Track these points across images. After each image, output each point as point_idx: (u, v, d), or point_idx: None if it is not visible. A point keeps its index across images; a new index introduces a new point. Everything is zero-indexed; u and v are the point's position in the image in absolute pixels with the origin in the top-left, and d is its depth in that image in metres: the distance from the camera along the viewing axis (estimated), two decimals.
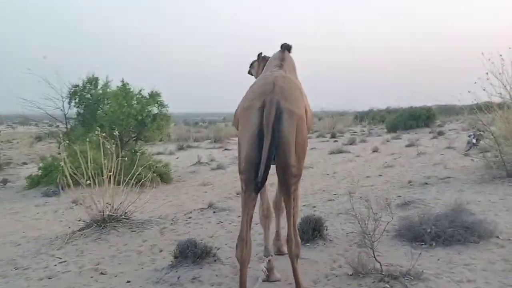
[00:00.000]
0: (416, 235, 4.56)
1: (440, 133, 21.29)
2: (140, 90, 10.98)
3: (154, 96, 10.84)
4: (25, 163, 15.64)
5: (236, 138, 3.63)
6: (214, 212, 6.63)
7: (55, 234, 5.70)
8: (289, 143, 3.02)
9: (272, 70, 3.62)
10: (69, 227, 5.86)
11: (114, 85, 11.29)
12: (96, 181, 5.98)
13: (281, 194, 3.38)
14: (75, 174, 9.40)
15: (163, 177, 10.70)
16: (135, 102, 10.44)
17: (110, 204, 5.81)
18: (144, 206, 7.68)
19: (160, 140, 23.20)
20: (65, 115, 11.21)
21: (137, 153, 9.43)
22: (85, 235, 5.40)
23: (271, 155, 2.92)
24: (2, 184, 11.56)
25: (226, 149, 19.31)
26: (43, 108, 10.92)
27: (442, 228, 4.45)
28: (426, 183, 8.16)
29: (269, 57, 4.34)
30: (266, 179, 2.97)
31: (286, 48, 3.92)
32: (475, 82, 8.29)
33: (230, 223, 5.99)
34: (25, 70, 10.31)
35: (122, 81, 10.96)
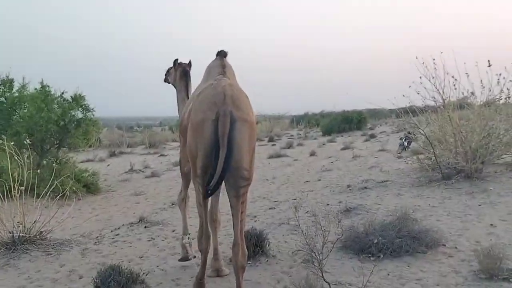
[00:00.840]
0: (363, 246, 4.30)
1: (372, 136, 21.85)
2: (62, 93, 10.04)
3: (77, 99, 9.94)
4: None
5: (175, 144, 3.36)
6: (145, 227, 6.03)
7: None
8: (242, 149, 3.11)
9: (216, 78, 3.59)
10: None
11: (33, 87, 10.23)
12: (5, 197, 5.16)
13: (231, 199, 3.25)
14: None
15: (90, 187, 9.86)
16: (56, 106, 9.49)
17: (21, 224, 5.03)
18: (64, 223, 6.91)
19: (90, 147, 22.01)
20: None
21: (55, 163, 8.50)
22: None
23: (227, 165, 2.99)
24: None
25: (161, 155, 18.52)
26: None
27: (389, 238, 4.22)
28: (365, 188, 8.05)
29: (184, 64, 4.72)
30: (217, 188, 3.13)
31: (223, 55, 3.91)
32: (409, 86, 8.35)
33: (163, 239, 5.44)
34: None
35: (42, 82, 9.96)
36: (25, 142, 6.39)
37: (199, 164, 3.21)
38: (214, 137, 3.03)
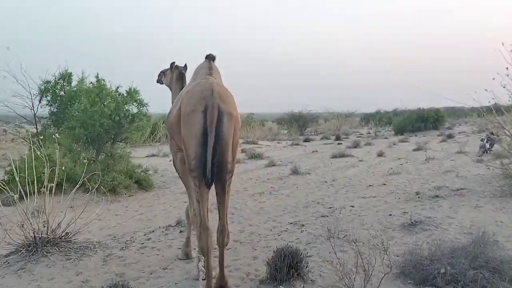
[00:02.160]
0: (426, 276, 3.42)
1: (450, 136, 20.09)
2: (117, 87, 9.88)
3: (132, 94, 9.73)
4: None
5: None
6: (181, 231, 5.52)
7: None
8: (227, 142, 3.29)
9: (204, 77, 3.74)
10: None
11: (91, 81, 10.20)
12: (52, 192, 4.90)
13: (217, 191, 3.53)
14: (33, 182, 8.35)
15: (142, 183, 9.61)
16: (110, 100, 9.33)
17: (46, 223, 4.69)
18: (103, 222, 6.65)
19: (157, 142, 22.35)
20: (34, 114, 10.14)
21: (110, 158, 8.30)
22: (8, 263, 4.31)
23: (216, 152, 3.15)
24: None
25: None
26: (11, 107, 9.85)
27: (461, 268, 3.30)
28: (436, 196, 7.00)
29: (181, 67, 4.99)
30: (214, 176, 3.19)
31: (211, 58, 4.11)
32: (493, 78, 7.15)
33: (195, 248, 4.86)
34: None
35: (97, 76, 9.88)
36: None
37: (192, 154, 3.31)
38: (204, 126, 3.20)
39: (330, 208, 6.93)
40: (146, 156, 16.51)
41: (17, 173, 5.11)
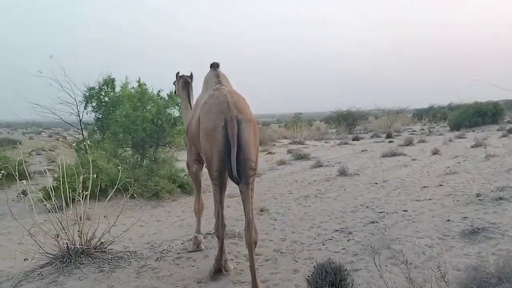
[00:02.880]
0: None
1: (510, 131, 18.68)
2: (159, 91, 9.82)
3: (173, 98, 9.63)
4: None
5: (286, 141, 10.87)
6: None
7: (16, 269, 4.56)
8: (249, 144, 3.55)
9: (215, 87, 4.06)
10: (34, 260, 4.66)
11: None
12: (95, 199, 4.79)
13: (241, 187, 3.67)
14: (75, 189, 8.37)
15: (186, 188, 9.49)
16: (152, 104, 9.28)
17: (81, 232, 4.56)
18: (143, 229, 6.51)
19: None
20: (80, 120, 10.28)
21: (153, 163, 8.20)
22: (42, 274, 4.20)
23: (239, 158, 3.44)
24: (22, 195, 10.86)
25: (269, 153, 17.87)
26: (58, 114, 10.04)
27: None
28: (500, 198, 6.31)
29: (186, 75, 5.39)
30: (241, 175, 3.48)
31: (216, 66, 4.43)
32: None
33: (236, 260, 4.57)
34: (35, 73, 9.43)
35: (139, 81, 9.86)
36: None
37: (214, 167, 3.71)
38: (225, 141, 3.47)
39: (381, 213, 6.43)
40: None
41: (61, 180, 5.03)
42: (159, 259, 4.62)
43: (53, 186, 9.30)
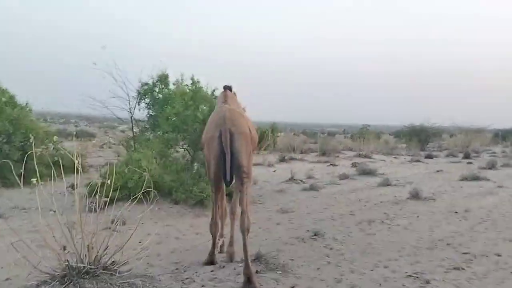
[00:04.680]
0: None
1: None
2: (214, 90, 9.01)
3: None
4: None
5: (351, 153, 14.57)
6: (257, 271, 4.19)
7: (13, 285, 3.84)
8: (240, 152, 4.17)
9: (220, 106, 4.78)
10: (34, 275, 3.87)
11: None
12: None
13: (237, 187, 4.36)
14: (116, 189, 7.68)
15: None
16: (205, 104, 8.48)
17: (91, 247, 3.72)
18: (179, 242, 5.63)
19: (264, 150, 21.59)
20: (131, 117, 9.71)
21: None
22: None
23: (232, 165, 4.08)
24: (71, 188, 10.52)
25: (332, 165, 16.61)
26: (111, 108, 9.53)
27: None
28: None
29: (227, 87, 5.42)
30: (233, 179, 4.15)
31: (228, 88, 5.17)
32: None
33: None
34: (89, 65, 8.97)
35: (192, 78, 9.12)
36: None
37: (212, 170, 4.35)
38: (220, 148, 4.11)
39: (466, 254, 5.10)
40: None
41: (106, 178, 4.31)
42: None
43: (93, 184, 8.81)
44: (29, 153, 4.06)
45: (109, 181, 4.75)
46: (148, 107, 9.77)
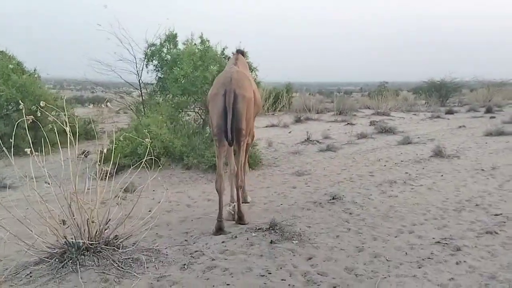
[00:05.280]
0: None
1: None
2: (223, 49, 8.53)
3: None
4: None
5: (368, 111, 14.73)
6: (271, 242, 3.89)
7: (13, 261, 3.61)
8: (241, 115, 4.40)
9: (230, 67, 4.99)
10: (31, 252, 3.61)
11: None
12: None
13: (236, 148, 4.66)
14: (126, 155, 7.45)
15: (248, 160, 8.24)
16: (214, 64, 8.01)
17: (92, 221, 3.45)
18: (191, 210, 5.36)
19: (279, 111, 21.12)
20: (139, 80, 9.33)
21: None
22: (30, 276, 3.17)
23: (233, 123, 4.32)
24: (83, 156, 10.34)
25: (349, 124, 16.08)
26: (118, 72, 9.14)
27: None
28: None
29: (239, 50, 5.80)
30: (234, 138, 4.36)
31: (240, 52, 5.58)
32: None
33: (283, 280, 3.21)
34: (94, 25, 8.52)
35: (201, 37, 8.62)
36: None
37: (214, 124, 4.53)
38: (223, 106, 4.34)
39: (497, 215, 4.73)
40: (266, 126, 15.34)
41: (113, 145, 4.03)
42: (185, 266, 3.38)
43: (103, 150, 8.55)
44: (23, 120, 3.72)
45: (113, 148, 4.51)
46: (157, 69, 9.36)
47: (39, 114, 3.45)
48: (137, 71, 9.19)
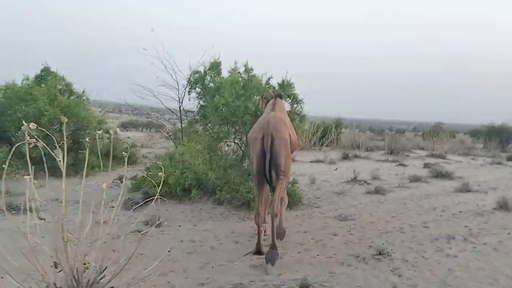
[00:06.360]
0: None
1: None
2: (269, 79, 8.07)
3: (285, 87, 7.79)
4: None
5: (422, 152, 13.88)
6: None
7: None
8: (279, 153, 4.74)
9: (267, 112, 5.32)
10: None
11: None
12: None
13: (275, 184, 4.81)
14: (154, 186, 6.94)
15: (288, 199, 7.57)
16: (258, 94, 7.57)
17: (87, 265, 2.91)
18: (214, 254, 4.73)
19: (326, 146, 20.35)
20: (180, 107, 9.01)
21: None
22: None
23: (271, 165, 4.70)
24: (119, 181, 10.07)
25: (400, 164, 15.04)
26: (159, 97, 8.89)
27: None
28: None
29: (270, 95, 6.13)
30: (272, 179, 4.76)
31: (278, 96, 5.80)
32: None
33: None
34: (140, 51, 8.34)
35: (246, 65, 8.22)
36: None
37: (254, 167, 4.88)
38: (262, 148, 4.73)
39: None
40: (311, 162, 14.64)
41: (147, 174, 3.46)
42: None
43: (135, 178, 8.16)
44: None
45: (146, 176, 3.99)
46: (199, 97, 9.03)
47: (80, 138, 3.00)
48: (179, 97, 8.88)
